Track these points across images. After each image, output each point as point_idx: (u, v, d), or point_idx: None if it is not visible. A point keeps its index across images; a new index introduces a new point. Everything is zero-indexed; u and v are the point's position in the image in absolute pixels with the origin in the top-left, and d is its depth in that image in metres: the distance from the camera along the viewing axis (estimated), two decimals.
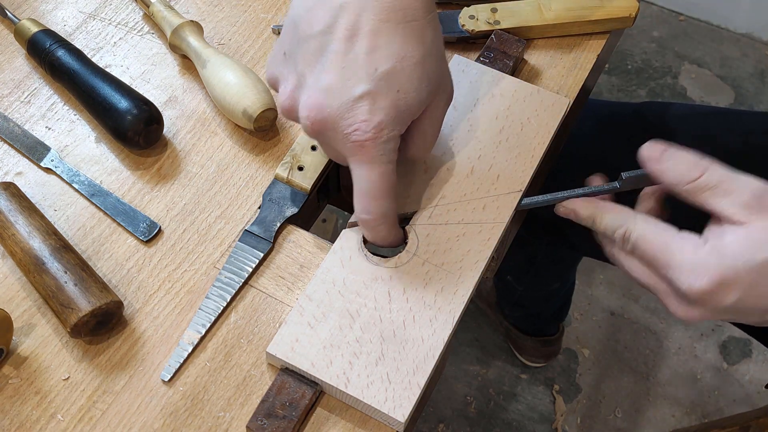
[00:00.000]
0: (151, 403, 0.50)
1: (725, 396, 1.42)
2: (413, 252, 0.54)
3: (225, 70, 0.60)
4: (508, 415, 1.39)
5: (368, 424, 0.50)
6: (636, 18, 0.66)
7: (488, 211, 0.55)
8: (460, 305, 0.52)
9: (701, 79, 1.83)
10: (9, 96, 0.64)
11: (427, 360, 0.50)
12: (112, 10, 0.69)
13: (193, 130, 0.62)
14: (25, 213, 0.54)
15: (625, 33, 1.80)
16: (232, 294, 0.54)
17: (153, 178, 0.60)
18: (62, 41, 0.63)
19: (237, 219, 0.58)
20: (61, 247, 0.53)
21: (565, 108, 0.61)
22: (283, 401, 0.49)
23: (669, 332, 1.48)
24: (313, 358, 0.49)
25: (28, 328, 0.53)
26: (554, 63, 0.66)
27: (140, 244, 0.57)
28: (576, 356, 1.46)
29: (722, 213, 0.47)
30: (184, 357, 0.52)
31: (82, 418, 0.50)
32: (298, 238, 0.57)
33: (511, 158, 0.58)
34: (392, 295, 0.52)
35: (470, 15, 0.66)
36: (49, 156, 0.60)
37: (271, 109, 0.59)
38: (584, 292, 1.51)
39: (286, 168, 0.58)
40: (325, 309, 0.51)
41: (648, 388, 1.42)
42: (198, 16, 0.69)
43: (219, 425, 0.50)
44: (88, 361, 0.52)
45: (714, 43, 1.89)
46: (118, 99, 0.58)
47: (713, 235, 0.47)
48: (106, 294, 0.51)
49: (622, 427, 1.38)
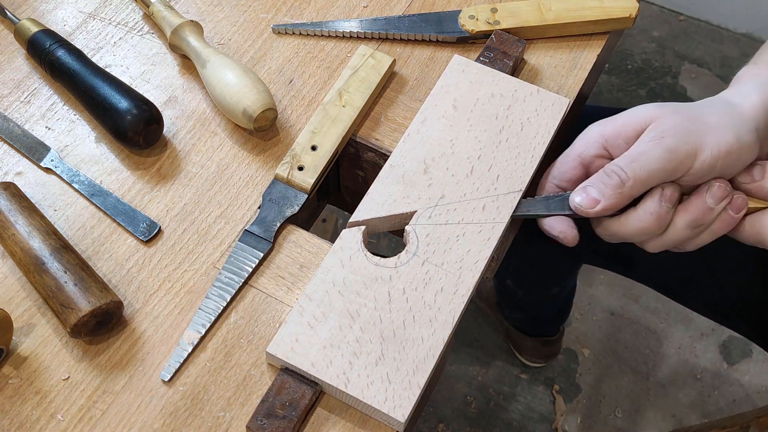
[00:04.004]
0: (151, 403, 0.50)
1: (725, 396, 1.42)
2: (413, 252, 0.54)
3: (225, 70, 0.60)
4: (508, 415, 1.39)
5: (368, 424, 0.50)
6: (636, 18, 0.66)
7: (488, 211, 0.55)
8: (459, 305, 0.52)
9: (701, 79, 1.83)
10: (9, 96, 0.64)
11: (427, 360, 0.50)
12: (112, 10, 0.69)
13: (193, 130, 0.62)
14: (25, 213, 0.54)
15: (625, 33, 1.80)
16: (232, 294, 0.54)
17: (153, 178, 0.60)
18: (62, 41, 0.63)
19: (237, 219, 0.58)
20: (61, 247, 0.53)
21: (565, 108, 0.61)
22: (283, 401, 0.49)
23: (669, 332, 1.48)
24: (313, 358, 0.49)
25: (28, 328, 0.53)
26: (554, 63, 0.66)
27: (140, 244, 0.57)
28: (576, 356, 1.46)
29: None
30: (184, 357, 0.52)
31: (82, 418, 0.50)
32: (298, 238, 0.57)
33: (511, 158, 0.58)
34: (392, 295, 0.52)
35: (470, 15, 0.66)
36: (49, 156, 0.60)
37: (271, 109, 0.59)
38: (584, 292, 1.51)
39: (286, 168, 0.58)
40: (325, 309, 0.51)
41: (648, 388, 1.42)
42: (198, 16, 0.69)
43: (219, 425, 0.50)
44: (88, 361, 0.52)
45: (714, 43, 1.89)
46: (118, 99, 0.58)
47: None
48: (106, 294, 0.51)
49: (622, 427, 1.38)
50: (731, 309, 0.82)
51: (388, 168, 0.57)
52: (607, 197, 0.53)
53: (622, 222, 0.55)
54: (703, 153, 0.52)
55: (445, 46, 0.67)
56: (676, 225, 0.54)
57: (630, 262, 0.86)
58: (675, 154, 0.52)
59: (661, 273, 0.84)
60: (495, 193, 0.56)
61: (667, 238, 0.55)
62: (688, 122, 0.53)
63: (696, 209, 0.53)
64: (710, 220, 0.54)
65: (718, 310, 0.84)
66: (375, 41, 0.67)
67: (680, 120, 0.53)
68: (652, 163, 0.52)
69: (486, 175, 0.57)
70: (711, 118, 0.54)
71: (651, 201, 0.53)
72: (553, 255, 1.05)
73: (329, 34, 0.67)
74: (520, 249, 0.83)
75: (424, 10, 0.69)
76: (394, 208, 0.55)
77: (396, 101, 0.64)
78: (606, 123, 0.56)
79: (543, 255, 1.07)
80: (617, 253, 0.86)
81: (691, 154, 0.52)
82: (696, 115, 0.54)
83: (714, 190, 0.53)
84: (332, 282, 0.52)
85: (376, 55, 0.63)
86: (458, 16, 0.66)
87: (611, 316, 1.50)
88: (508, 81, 0.62)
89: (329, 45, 0.67)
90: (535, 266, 1.15)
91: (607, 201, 0.53)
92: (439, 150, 0.58)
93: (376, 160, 0.62)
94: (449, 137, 0.59)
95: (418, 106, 0.63)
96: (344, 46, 0.67)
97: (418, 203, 0.56)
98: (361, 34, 0.67)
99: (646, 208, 0.53)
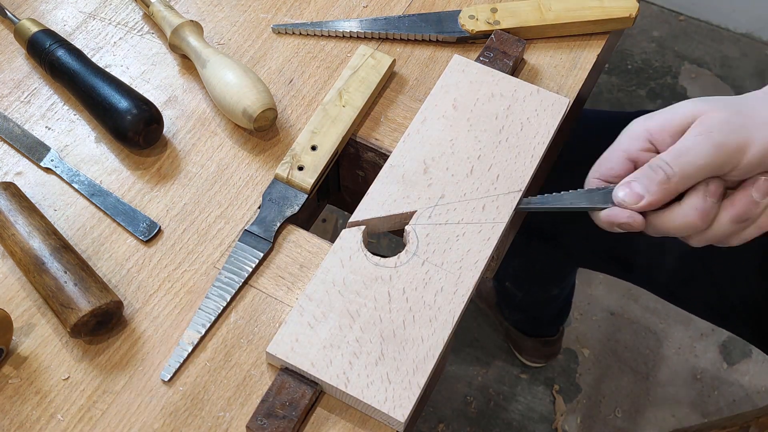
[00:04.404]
0: (151, 403, 0.50)
1: (725, 396, 1.42)
2: (413, 252, 0.54)
3: (225, 69, 0.60)
4: (508, 415, 1.39)
5: (368, 424, 0.50)
6: (636, 18, 0.66)
7: (488, 211, 0.55)
8: (459, 305, 0.52)
9: (701, 79, 1.83)
10: (9, 96, 0.64)
11: (427, 360, 0.50)
12: (112, 10, 0.69)
13: (193, 130, 0.62)
14: (25, 213, 0.54)
15: (625, 33, 1.80)
16: (232, 294, 0.54)
17: (153, 178, 0.60)
18: (62, 41, 0.63)
19: (237, 219, 0.58)
20: (61, 247, 0.53)
21: (564, 108, 0.61)
22: (283, 401, 0.49)
23: (669, 332, 1.48)
24: (313, 358, 0.49)
25: (28, 328, 0.53)
26: (554, 63, 0.66)
27: (140, 244, 0.57)
28: (576, 356, 1.46)
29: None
30: (184, 357, 0.52)
31: (82, 418, 0.50)
32: (298, 238, 0.57)
33: (511, 158, 0.58)
34: (392, 295, 0.52)
35: (470, 15, 0.66)
36: (49, 156, 0.60)
37: (271, 109, 0.59)
38: (584, 292, 1.51)
39: (286, 168, 0.58)
40: (325, 309, 0.51)
41: (648, 388, 1.42)
42: (198, 16, 0.69)
43: (219, 425, 0.50)
44: (88, 361, 0.52)
45: (714, 43, 1.89)
46: (118, 99, 0.58)
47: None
48: (106, 294, 0.51)
49: (622, 427, 1.38)
50: (730, 311, 0.82)
51: (388, 168, 0.57)
52: (652, 192, 0.52)
53: (666, 217, 0.53)
54: (751, 148, 0.51)
55: (445, 46, 0.67)
56: (721, 220, 0.53)
57: (628, 265, 0.86)
58: (723, 150, 0.51)
59: (660, 276, 0.84)
60: (495, 193, 0.56)
61: (711, 233, 0.53)
62: (737, 117, 0.52)
63: (741, 204, 0.52)
64: (756, 215, 0.52)
65: (717, 313, 0.84)
66: (375, 41, 0.67)
67: (728, 115, 0.52)
68: (699, 159, 0.51)
69: (486, 174, 0.57)
70: (760, 113, 0.52)
71: (696, 196, 0.52)
72: (552, 257, 1.05)
73: (329, 34, 0.67)
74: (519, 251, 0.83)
75: (424, 10, 0.69)
76: (394, 208, 0.55)
77: (396, 101, 0.64)
78: (651, 117, 0.55)
79: (541, 257, 1.07)
80: (616, 256, 0.86)
81: (739, 150, 0.51)
82: (744, 109, 0.53)
83: (760, 184, 0.52)
84: (332, 282, 0.52)
85: (376, 55, 0.63)
86: (458, 16, 0.66)
87: (611, 316, 1.50)
88: (508, 81, 0.62)
89: (329, 45, 0.67)
90: (534, 268, 1.15)
91: (651, 196, 0.52)
92: (439, 150, 0.58)
93: (376, 160, 0.62)
94: (449, 137, 0.59)
95: (418, 106, 0.63)
96: (344, 46, 0.67)
97: (418, 203, 0.56)
98: (361, 34, 0.67)
99: (691, 204, 0.52)
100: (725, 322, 0.85)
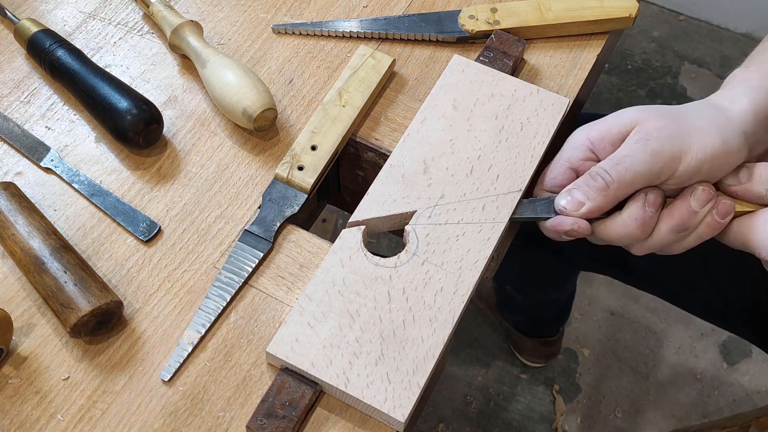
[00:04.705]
0: (151, 403, 0.50)
1: (725, 396, 1.42)
2: (413, 252, 0.54)
3: (225, 69, 0.60)
4: (508, 415, 1.39)
5: (368, 424, 0.50)
6: (636, 18, 0.66)
7: (488, 210, 0.55)
8: (459, 305, 0.52)
9: (701, 79, 1.83)
10: (9, 96, 0.64)
11: (427, 360, 0.50)
12: (112, 10, 0.69)
13: (193, 130, 0.62)
14: (25, 213, 0.54)
15: (625, 33, 1.80)
16: (232, 294, 0.54)
17: (153, 178, 0.60)
18: (62, 41, 0.63)
19: (237, 219, 0.58)
20: (61, 247, 0.53)
21: (564, 108, 0.61)
22: (282, 401, 0.49)
23: (669, 332, 1.48)
24: (312, 358, 0.49)
25: (28, 328, 0.53)
26: (554, 63, 0.66)
27: (140, 244, 0.57)
28: (576, 356, 1.45)
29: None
30: (184, 357, 0.52)
31: (82, 418, 0.50)
32: (298, 238, 0.57)
33: (511, 158, 0.58)
34: (392, 295, 0.52)
35: (470, 15, 0.66)
36: (49, 156, 0.60)
37: (271, 108, 0.59)
38: (584, 292, 1.51)
39: (286, 168, 0.58)
40: (325, 309, 0.51)
41: (648, 388, 1.42)
42: (198, 16, 0.69)
43: (219, 425, 0.50)
44: (88, 361, 0.52)
45: (714, 43, 1.89)
46: (118, 99, 0.58)
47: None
48: (106, 294, 0.51)
49: (622, 427, 1.38)
50: (730, 311, 0.82)
51: (387, 168, 0.57)
52: (592, 199, 0.53)
53: (607, 226, 0.54)
54: (688, 156, 0.52)
55: (445, 46, 0.67)
56: (660, 229, 0.54)
57: (628, 267, 0.86)
58: (659, 157, 0.52)
59: (660, 277, 0.84)
60: (495, 193, 0.56)
61: (652, 242, 0.54)
62: (674, 125, 0.53)
63: (680, 213, 0.53)
64: (695, 224, 0.53)
65: (717, 313, 0.84)
66: (375, 41, 0.67)
67: (665, 123, 0.53)
68: (636, 166, 0.52)
69: (486, 174, 0.57)
70: (697, 122, 0.54)
71: (635, 206, 0.53)
72: (551, 261, 1.05)
73: (329, 34, 0.67)
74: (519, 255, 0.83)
75: (424, 10, 0.70)
76: (393, 208, 0.55)
77: (396, 101, 0.64)
78: (591, 126, 0.56)
79: (541, 261, 1.07)
80: (615, 259, 0.86)
81: (675, 157, 0.52)
82: (682, 118, 0.54)
83: (698, 193, 0.53)
84: (332, 282, 0.52)
85: (375, 55, 0.63)
86: (458, 16, 0.66)
87: (611, 316, 1.50)
88: (507, 81, 0.62)
89: (329, 45, 0.67)
90: (534, 272, 1.15)
91: (592, 203, 0.53)
92: (438, 150, 0.58)
93: (375, 160, 0.62)
94: (449, 137, 0.59)
95: (417, 106, 0.63)
96: (344, 46, 0.67)
97: (418, 203, 0.56)
98: (361, 34, 0.67)
99: (631, 213, 0.53)
100: (725, 322, 0.85)
